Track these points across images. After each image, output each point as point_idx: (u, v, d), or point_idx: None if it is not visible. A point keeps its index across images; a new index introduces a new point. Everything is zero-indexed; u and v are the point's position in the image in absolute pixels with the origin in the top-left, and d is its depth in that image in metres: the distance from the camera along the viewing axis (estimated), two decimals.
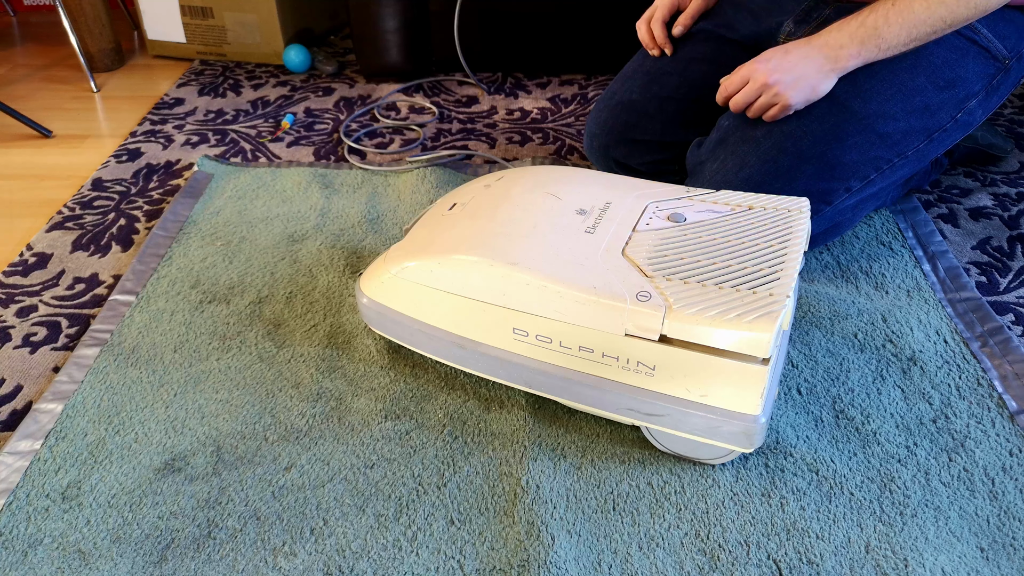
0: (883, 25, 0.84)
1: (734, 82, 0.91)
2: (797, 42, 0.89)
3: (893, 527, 0.66)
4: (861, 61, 0.86)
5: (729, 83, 0.92)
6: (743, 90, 0.90)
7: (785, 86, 0.87)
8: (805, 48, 0.87)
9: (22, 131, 1.44)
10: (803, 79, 0.87)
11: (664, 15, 1.08)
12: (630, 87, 1.08)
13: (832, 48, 0.86)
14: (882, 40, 0.84)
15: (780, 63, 0.87)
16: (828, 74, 0.87)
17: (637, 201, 0.80)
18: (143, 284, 0.98)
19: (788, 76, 0.87)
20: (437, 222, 0.82)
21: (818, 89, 0.87)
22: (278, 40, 1.69)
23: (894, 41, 0.84)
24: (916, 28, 0.83)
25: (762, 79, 0.88)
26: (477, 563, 0.64)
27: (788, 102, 0.87)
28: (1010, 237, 1.05)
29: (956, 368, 0.83)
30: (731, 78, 0.92)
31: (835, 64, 0.86)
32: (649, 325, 0.65)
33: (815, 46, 0.87)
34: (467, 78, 1.63)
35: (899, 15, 0.83)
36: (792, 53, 0.88)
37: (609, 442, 0.75)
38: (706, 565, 0.64)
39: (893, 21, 0.84)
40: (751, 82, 0.89)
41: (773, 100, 0.88)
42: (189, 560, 0.64)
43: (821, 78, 0.87)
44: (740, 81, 0.90)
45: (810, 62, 0.87)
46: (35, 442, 0.76)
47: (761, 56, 0.90)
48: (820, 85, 0.87)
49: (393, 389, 0.81)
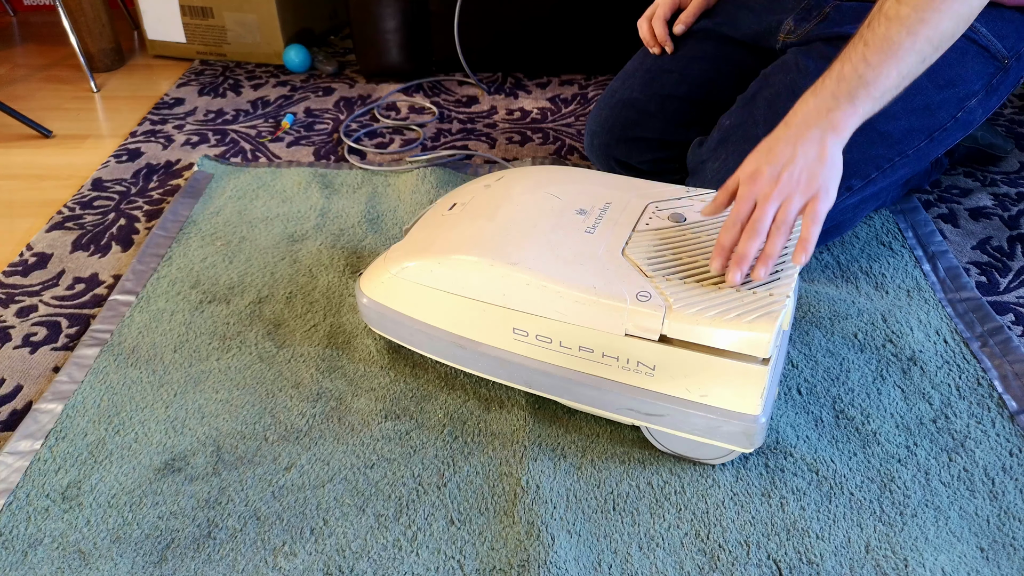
0: (865, 69, 0.71)
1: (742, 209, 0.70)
2: (775, 135, 0.72)
3: (893, 527, 0.66)
4: (859, 118, 0.72)
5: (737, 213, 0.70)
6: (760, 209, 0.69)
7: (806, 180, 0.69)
8: (790, 133, 0.72)
9: (22, 131, 1.44)
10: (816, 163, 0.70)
11: (665, 13, 1.08)
12: (631, 85, 1.08)
13: (821, 115, 0.71)
14: (871, 87, 0.71)
15: (776, 165, 0.70)
16: (833, 144, 0.71)
17: (637, 201, 0.80)
18: (143, 284, 0.98)
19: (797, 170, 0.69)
20: (437, 222, 0.82)
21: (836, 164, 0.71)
22: (278, 40, 1.69)
23: (885, 83, 0.71)
24: (901, 60, 0.71)
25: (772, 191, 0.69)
26: (477, 563, 0.64)
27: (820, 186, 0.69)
28: (1010, 237, 1.05)
29: (956, 368, 0.83)
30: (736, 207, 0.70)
31: (834, 131, 0.71)
32: (649, 325, 0.65)
33: (801, 123, 0.72)
34: (467, 78, 1.63)
35: (878, 52, 0.71)
36: (779, 147, 0.71)
37: (609, 442, 0.75)
38: (706, 565, 0.64)
39: (874, 61, 0.71)
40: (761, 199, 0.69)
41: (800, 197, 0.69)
42: (189, 560, 0.64)
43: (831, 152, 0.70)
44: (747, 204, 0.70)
45: (808, 143, 0.70)
46: (35, 442, 0.76)
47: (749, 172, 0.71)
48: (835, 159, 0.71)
49: (393, 389, 0.81)
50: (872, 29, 0.72)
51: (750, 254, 0.67)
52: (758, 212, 0.69)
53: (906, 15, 0.70)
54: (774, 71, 0.96)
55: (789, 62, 0.95)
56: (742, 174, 0.72)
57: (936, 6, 0.70)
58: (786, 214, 0.69)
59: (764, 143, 0.73)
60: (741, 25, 1.05)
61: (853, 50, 0.73)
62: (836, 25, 0.94)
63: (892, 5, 0.72)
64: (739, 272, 0.67)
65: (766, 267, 0.67)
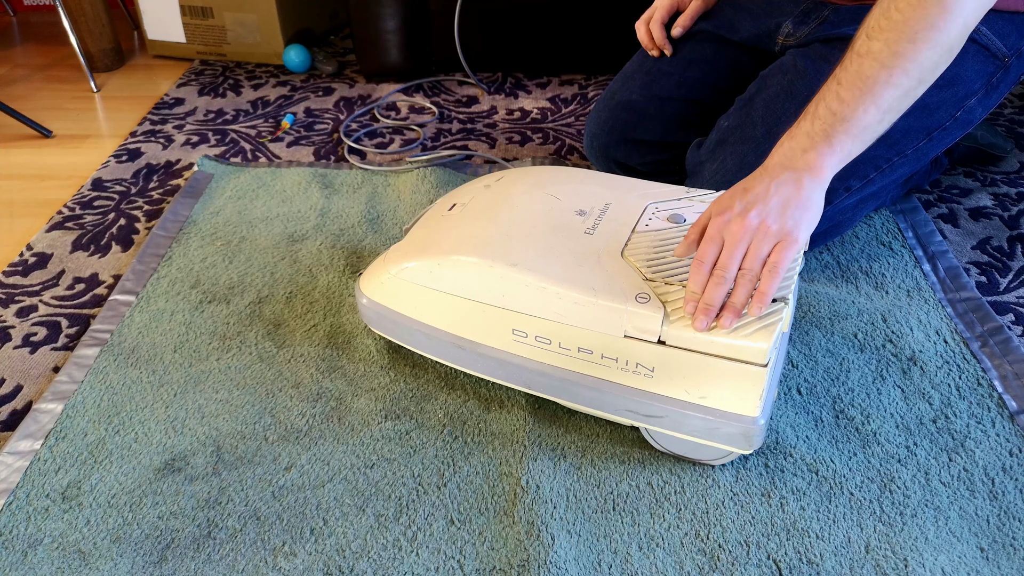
0: (839, 107, 0.68)
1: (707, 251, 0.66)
2: (753, 175, 0.70)
3: (893, 527, 0.66)
4: (839, 159, 0.69)
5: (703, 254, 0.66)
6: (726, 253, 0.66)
7: (776, 219, 0.66)
8: (766, 174, 0.69)
9: (22, 131, 1.44)
10: (789, 204, 0.66)
11: (663, 16, 1.08)
12: (630, 87, 1.08)
13: (796, 157, 0.69)
14: (848, 124, 0.68)
15: (746, 200, 0.67)
16: (812, 186, 0.68)
17: (637, 202, 0.80)
18: (143, 284, 0.98)
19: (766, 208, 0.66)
20: (437, 222, 0.82)
21: (813, 207, 0.68)
22: (278, 40, 1.69)
23: (863, 120, 0.68)
24: (878, 95, 0.68)
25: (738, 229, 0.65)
26: (477, 563, 0.64)
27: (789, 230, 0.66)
28: (1010, 237, 1.05)
29: (956, 368, 0.83)
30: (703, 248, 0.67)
31: (811, 172, 0.68)
32: (648, 327, 0.65)
33: (776, 165, 0.69)
34: (467, 78, 1.63)
35: (851, 88, 0.68)
36: (754, 185, 0.68)
37: (609, 442, 0.75)
38: (706, 565, 0.64)
39: (848, 97, 0.68)
40: (728, 239, 0.66)
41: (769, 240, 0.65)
42: (189, 560, 0.64)
43: (808, 194, 0.67)
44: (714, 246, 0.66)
45: (782, 183, 0.67)
46: (35, 442, 0.76)
47: (720, 206, 0.68)
48: (812, 202, 0.68)
49: (393, 389, 0.81)
50: (844, 67, 0.70)
51: (717, 303, 0.64)
52: (724, 256, 0.65)
53: (878, 50, 0.68)
54: (772, 73, 0.96)
55: (787, 64, 0.95)
56: (712, 209, 0.69)
57: (910, 37, 0.67)
58: (752, 260, 0.65)
59: (740, 183, 0.70)
60: (740, 28, 1.05)
61: (827, 89, 0.70)
62: (835, 27, 0.94)
63: (863, 42, 0.69)
64: (705, 320, 0.64)
65: (732, 318, 0.64)
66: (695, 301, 0.65)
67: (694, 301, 0.65)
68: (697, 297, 0.65)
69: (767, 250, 0.65)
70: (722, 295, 0.65)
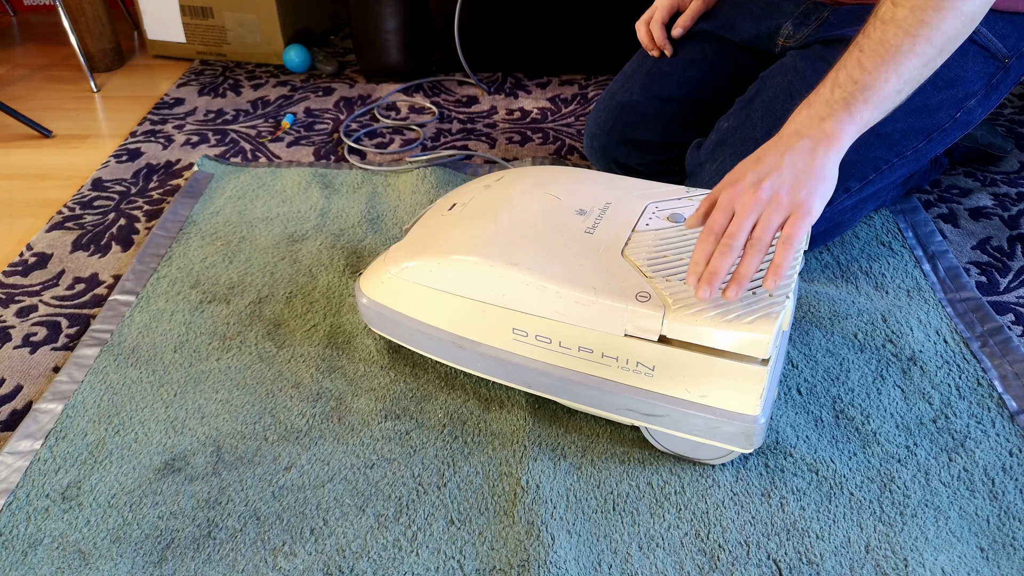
0: (861, 75, 0.67)
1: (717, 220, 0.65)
2: (766, 144, 0.69)
3: (893, 527, 0.66)
4: (858, 127, 0.68)
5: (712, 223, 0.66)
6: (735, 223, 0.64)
7: (791, 189, 0.64)
8: (780, 143, 0.68)
9: (22, 131, 1.44)
10: (803, 174, 0.65)
11: (663, 16, 1.08)
12: (630, 88, 1.08)
13: (814, 125, 0.68)
14: (869, 92, 0.67)
15: (759, 172, 0.66)
16: (827, 156, 0.67)
17: (637, 201, 0.80)
18: (143, 284, 0.98)
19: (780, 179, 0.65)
20: (437, 222, 0.82)
21: (828, 177, 0.66)
22: (278, 40, 1.69)
23: (884, 88, 0.67)
24: (901, 64, 0.67)
25: (750, 200, 0.64)
26: (477, 563, 0.64)
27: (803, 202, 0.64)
28: (1010, 237, 1.05)
29: (956, 368, 0.83)
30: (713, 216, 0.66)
31: (828, 142, 0.67)
32: (648, 326, 0.65)
33: (792, 134, 0.68)
34: (467, 78, 1.63)
35: (873, 55, 0.67)
36: (768, 155, 0.67)
37: (609, 442, 0.75)
38: (706, 565, 0.64)
39: (870, 65, 0.67)
40: (738, 209, 0.65)
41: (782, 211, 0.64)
42: (189, 560, 0.64)
43: (823, 163, 0.66)
44: (724, 214, 0.66)
45: (797, 153, 0.66)
46: (35, 442, 0.76)
47: (732, 176, 0.67)
48: (826, 172, 0.66)
49: (393, 389, 0.81)
50: (868, 34, 0.69)
51: (721, 272, 0.63)
52: (733, 226, 0.64)
53: (903, 17, 0.67)
54: (772, 74, 0.96)
55: (787, 65, 0.95)
56: (725, 179, 0.68)
57: (936, 5, 0.66)
58: (763, 230, 0.64)
59: (754, 153, 0.69)
60: (740, 29, 1.05)
61: (849, 57, 0.69)
62: (835, 28, 0.94)
63: (888, 8, 0.69)
64: (708, 290, 0.62)
65: (738, 288, 0.62)
66: (699, 273, 0.64)
67: (698, 272, 0.64)
68: (701, 268, 0.64)
69: (779, 221, 0.64)
70: (727, 265, 0.63)
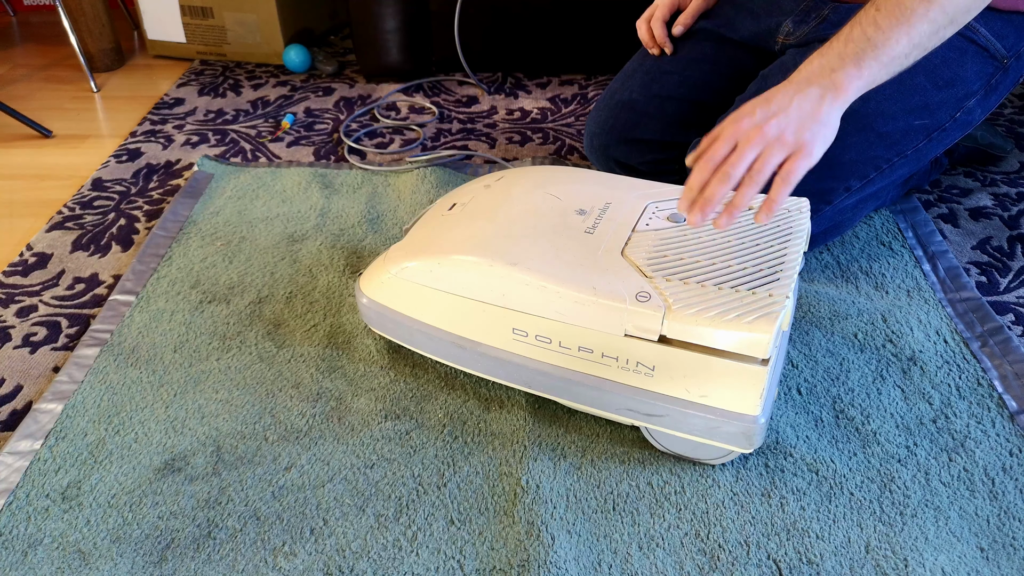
0: (875, 32, 0.70)
1: (719, 149, 0.68)
2: (776, 87, 0.71)
3: (893, 527, 0.66)
4: (865, 83, 0.71)
5: (713, 151, 0.68)
6: (737, 153, 0.67)
7: (795, 129, 0.67)
8: (791, 87, 0.70)
9: (22, 131, 1.44)
10: (808, 118, 0.68)
11: (664, 14, 1.08)
12: (630, 87, 1.08)
13: (824, 75, 0.70)
14: (879, 51, 0.69)
15: (768, 111, 0.68)
16: (832, 105, 0.69)
17: (637, 201, 0.80)
18: (143, 284, 0.98)
19: (787, 120, 0.67)
20: (437, 222, 0.82)
21: (830, 125, 0.69)
22: (278, 40, 1.69)
23: (894, 49, 0.70)
24: (913, 27, 0.69)
25: (755, 135, 0.66)
26: (477, 563, 0.64)
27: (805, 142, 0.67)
28: (1010, 237, 1.05)
29: (956, 368, 0.83)
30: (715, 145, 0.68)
31: (836, 92, 0.69)
32: (648, 326, 0.65)
33: (803, 80, 0.71)
34: (467, 78, 1.63)
35: (889, 16, 0.69)
36: (777, 97, 0.70)
37: (609, 442, 0.75)
38: (706, 565, 0.64)
39: (885, 25, 0.69)
40: (742, 142, 0.67)
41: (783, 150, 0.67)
42: (189, 560, 0.64)
43: (828, 111, 0.69)
44: (726, 145, 0.68)
45: (805, 98, 0.69)
46: (35, 442, 0.76)
47: (739, 113, 0.70)
48: (830, 120, 0.69)
49: (393, 389, 0.81)
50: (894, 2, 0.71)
51: (716, 200, 0.64)
52: (735, 156, 0.65)
53: None
54: (772, 72, 0.96)
55: (788, 63, 0.95)
56: (732, 115, 0.69)
57: None
58: (763, 163, 0.65)
59: (763, 94, 0.71)
60: (740, 27, 1.05)
61: (864, 14, 0.71)
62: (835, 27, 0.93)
63: None
64: (700, 215, 0.63)
65: (729, 217, 0.63)
66: (691, 199, 0.64)
67: (690, 198, 0.64)
68: (694, 194, 0.64)
69: (780, 159, 0.66)
70: (723, 193, 0.64)
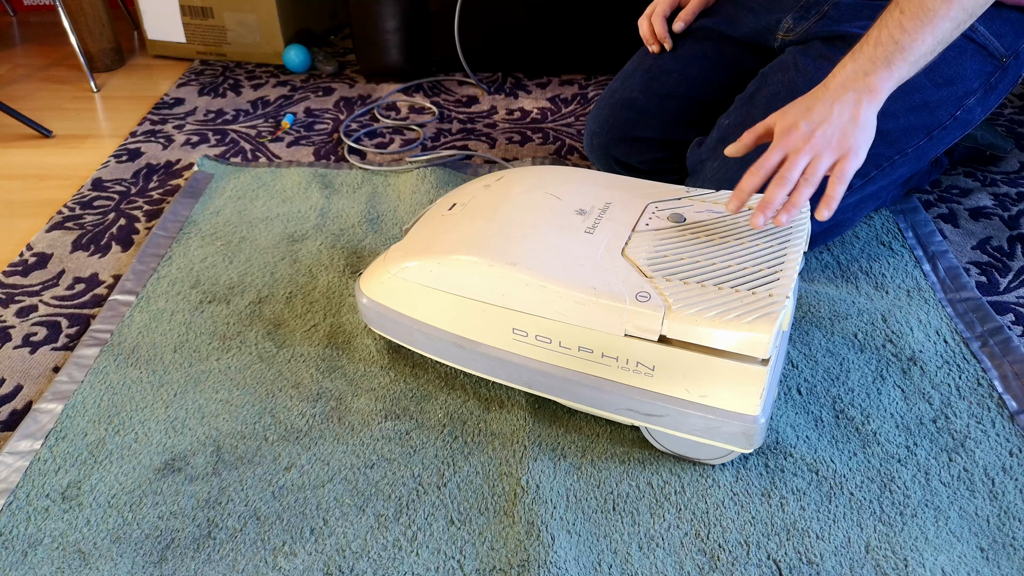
0: (901, 35, 0.74)
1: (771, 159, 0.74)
2: (812, 92, 0.77)
3: (893, 527, 0.66)
4: (895, 82, 0.75)
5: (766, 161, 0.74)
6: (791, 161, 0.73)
7: (837, 139, 0.73)
8: (828, 95, 0.75)
9: (22, 131, 1.44)
10: (850, 124, 0.73)
11: (665, 10, 1.08)
12: (630, 85, 1.08)
13: (858, 79, 0.75)
14: (908, 52, 0.74)
15: (811, 121, 0.73)
16: (869, 106, 0.74)
17: (637, 201, 0.80)
18: (143, 284, 0.98)
19: (831, 128, 0.73)
20: (437, 222, 0.82)
21: (870, 126, 0.74)
22: (278, 40, 1.69)
23: (920, 48, 0.74)
24: (937, 26, 0.74)
25: (804, 145, 0.72)
26: (477, 563, 0.64)
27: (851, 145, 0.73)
28: (1010, 237, 1.05)
29: (956, 368, 0.83)
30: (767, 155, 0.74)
31: (871, 95, 0.74)
32: (648, 325, 0.65)
33: (838, 86, 0.75)
34: (467, 78, 1.63)
35: (913, 18, 0.74)
36: (818, 106, 0.74)
37: (609, 442, 0.75)
38: (706, 565, 0.64)
39: (910, 27, 0.74)
40: (792, 152, 0.73)
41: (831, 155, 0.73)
42: (189, 560, 0.64)
43: (866, 114, 0.74)
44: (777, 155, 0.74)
45: (844, 105, 0.74)
46: (35, 442, 0.76)
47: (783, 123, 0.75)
48: (869, 122, 0.74)
49: (393, 389, 0.81)
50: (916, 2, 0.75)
51: (776, 201, 0.71)
52: (789, 163, 0.72)
53: None
54: (772, 70, 0.96)
55: (787, 62, 0.95)
56: (779, 127, 0.75)
57: None
58: (815, 169, 0.72)
59: (802, 101, 0.76)
60: (740, 24, 1.05)
61: (890, 16, 0.76)
62: (835, 24, 0.94)
63: None
64: (763, 217, 0.71)
65: (789, 215, 0.71)
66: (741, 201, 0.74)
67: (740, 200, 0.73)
68: (744, 196, 0.74)
69: (830, 163, 0.73)
70: (783, 195, 0.72)
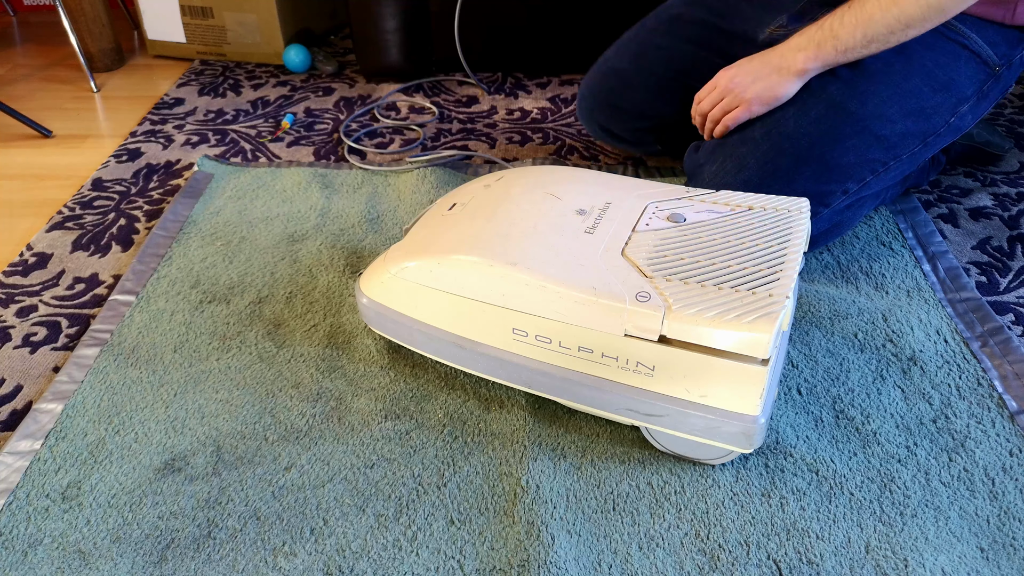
0: (838, 26, 0.85)
1: (702, 92, 0.97)
2: (764, 51, 0.92)
3: (893, 527, 0.66)
4: (820, 64, 0.88)
5: (700, 94, 0.97)
6: (708, 96, 0.95)
7: (743, 88, 0.91)
8: (767, 55, 0.91)
9: (22, 131, 1.44)
10: (760, 80, 0.90)
11: None
12: (622, 55, 1.13)
13: (790, 51, 0.88)
14: (838, 40, 0.85)
15: (740, 69, 0.92)
16: (785, 75, 0.89)
17: (637, 201, 0.80)
18: (143, 284, 0.98)
19: (747, 78, 0.91)
20: (437, 222, 0.82)
21: (777, 91, 0.90)
22: (278, 40, 1.69)
23: (850, 41, 0.85)
24: (870, 27, 0.84)
25: (723, 84, 0.93)
26: (477, 563, 0.64)
27: (746, 99, 0.91)
28: (1010, 237, 1.05)
29: (956, 368, 0.83)
30: (702, 91, 0.97)
31: (791, 65, 0.88)
32: (648, 325, 0.65)
33: (774, 52, 0.90)
34: (467, 78, 1.63)
35: (853, 15, 0.84)
36: (754, 60, 0.92)
37: (609, 442, 0.75)
38: (706, 565, 0.64)
39: (847, 21, 0.85)
40: (716, 88, 0.94)
41: (733, 102, 0.92)
42: (189, 560, 0.64)
43: (779, 80, 0.89)
44: (708, 89, 0.96)
45: (766, 65, 0.90)
46: (35, 442, 0.76)
47: (729, 66, 0.94)
48: (779, 88, 0.90)
49: (393, 389, 0.81)
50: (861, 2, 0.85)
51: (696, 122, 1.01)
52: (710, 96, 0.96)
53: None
54: None
55: None
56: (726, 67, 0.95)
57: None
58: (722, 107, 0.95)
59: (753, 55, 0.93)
60: (737, 19, 1.06)
61: (840, 9, 0.86)
62: None
63: None
64: None
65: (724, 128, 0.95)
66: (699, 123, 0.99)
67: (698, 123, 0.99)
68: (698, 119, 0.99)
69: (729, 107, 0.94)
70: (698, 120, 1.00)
